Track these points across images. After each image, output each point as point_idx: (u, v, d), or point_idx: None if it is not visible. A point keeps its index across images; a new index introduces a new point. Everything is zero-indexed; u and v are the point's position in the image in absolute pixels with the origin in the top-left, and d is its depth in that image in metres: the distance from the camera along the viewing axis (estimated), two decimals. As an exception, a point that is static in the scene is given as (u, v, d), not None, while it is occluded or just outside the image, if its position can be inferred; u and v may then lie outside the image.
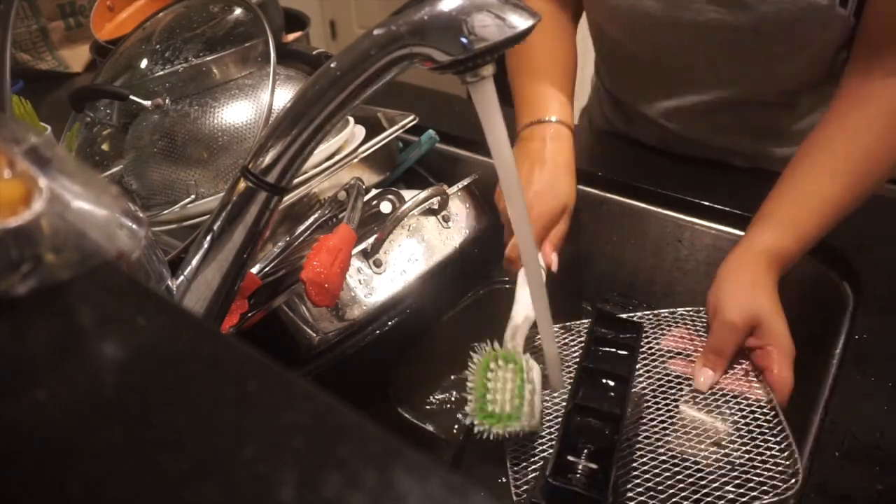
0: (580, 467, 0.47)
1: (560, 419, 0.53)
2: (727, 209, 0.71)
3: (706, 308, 0.58)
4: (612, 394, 0.52)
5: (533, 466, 0.52)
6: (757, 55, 0.69)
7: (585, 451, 0.48)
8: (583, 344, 0.57)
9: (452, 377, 0.74)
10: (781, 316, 0.55)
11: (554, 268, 0.66)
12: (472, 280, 0.84)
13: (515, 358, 0.52)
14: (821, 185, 0.59)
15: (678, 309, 0.62)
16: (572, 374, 0.57)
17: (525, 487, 0.51)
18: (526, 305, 0.59)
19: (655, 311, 0.63)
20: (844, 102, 0.61)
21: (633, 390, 0.55)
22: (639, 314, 0.62)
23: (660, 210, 0.75)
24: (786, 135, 0.78)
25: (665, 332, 0.60)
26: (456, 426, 0.69)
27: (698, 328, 0.60)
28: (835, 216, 0.58)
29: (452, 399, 0.73)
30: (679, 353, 0.59)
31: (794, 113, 0.76)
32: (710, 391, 0.55)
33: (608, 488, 0.45)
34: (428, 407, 0.73)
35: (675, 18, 0.69)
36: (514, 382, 0.51)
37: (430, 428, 0.70)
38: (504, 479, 0.53)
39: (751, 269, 0.57)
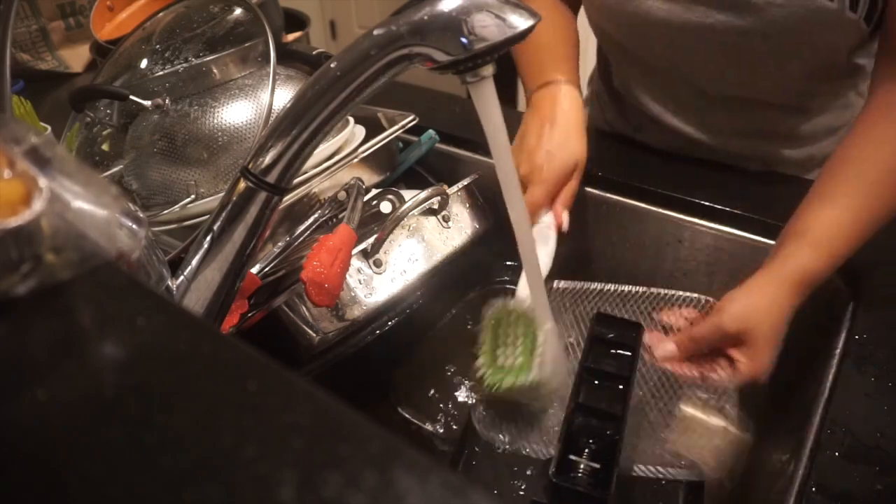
0: (582, 466, 0.47)
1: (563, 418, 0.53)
2: (728, 209, 0.71)
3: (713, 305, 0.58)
4: (614, 393, 0.52)
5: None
6: (765, 58, 0.68)
7: (587, 450, 0.48)
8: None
9: (453, 377, 0.74)
10: (772, 344, 0.55)
11: (565, 227, 0.68)
12: (472, 280, 0.84)
13: (526, 313, 0.53)
14: (852, 200, 0.57)
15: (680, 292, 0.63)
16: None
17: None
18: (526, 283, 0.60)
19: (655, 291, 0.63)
20: (873, 113, 0.60)
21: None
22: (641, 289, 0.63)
23: (660, 210, 0.75)
24: (797, 137, 0.77)
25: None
26: (455, 426, 0.69)
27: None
28: (867, 232, 0.57)
29: (452, 399, 0.73)
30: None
31: (805, 115, 0.76)
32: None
33: (610, 487, 0.45)
34: (428, 407, 0.73)
35: (682, 22, 0.68)
36: (526, 337, 0.52)
37: (429, 428, 0.71)
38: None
39: (774, 290, 0.56)
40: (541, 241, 0.66)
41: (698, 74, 0.74)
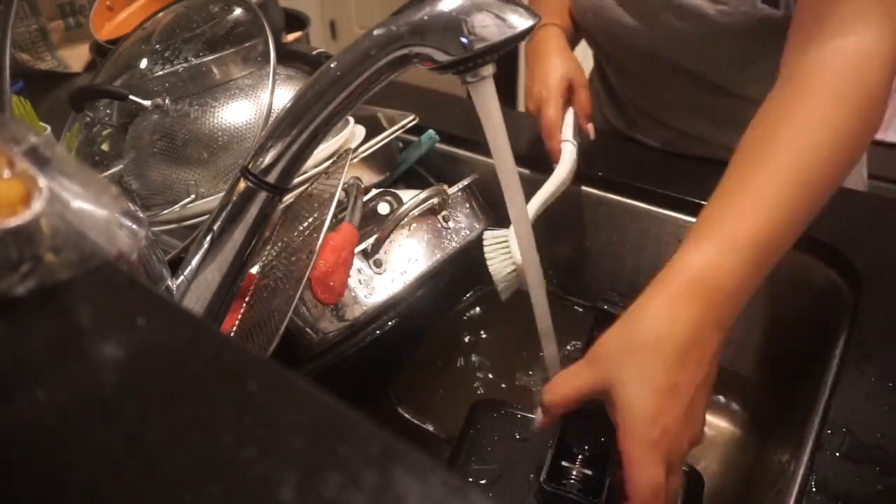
0: (574, 472, 0.46)
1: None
2: (727, 209, 0.71)
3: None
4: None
5: None
6: (729, 61, 0.71)
7: (580, 456, 0.47)
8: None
9: (453, 377, 0.74)
10: (636, 383, 0.40)
11: (592, 135, 0.74)
12: (472, 280, 0.84)
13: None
14: (764, 185, 0.45)
15: None
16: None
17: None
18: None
19: None
20: (781, 87, 0.52)
21: None
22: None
23: (660, 210, 0.75)
24: None
25: None
26: (455, 425, 0.69)
27: None
28: (791, 217, 0.45)
29: (453, 399, 0.73)
30: None
31: None
32: None
33: (602, 495, 0.44)
34: (428, 407, 0.73)
35: (650, 29, 0.73)
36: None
37: (430, 428, 0.71)
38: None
39: (654, 310, 0.42)
40: (564, 158, 0.71)
41: (674, 76, 0.76)
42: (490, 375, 0.75)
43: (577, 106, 0.74)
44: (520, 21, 0.38)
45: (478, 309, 0.83)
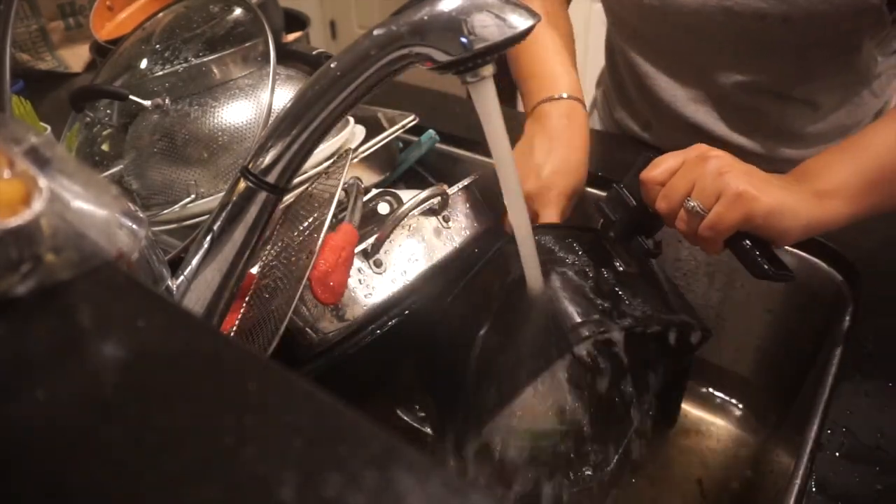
0: None
1: None
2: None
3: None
4: None
5: None
6: (784, 45, 0.68)
7: None
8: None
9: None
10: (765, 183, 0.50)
11: None
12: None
13: None
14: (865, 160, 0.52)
15: None
16: None
17: None
18: None
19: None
20: None
21: None
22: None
23: (660, 210, 0.74)
24: (808, 134, 0.77)
25: None
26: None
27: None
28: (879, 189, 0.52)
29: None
30: None
31: (818, 111, 0.75)
32: None
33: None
34: (428, 407, 0.73)
35: (700, 3, 0.68)
36: None
37: (428, 430, 0.70)
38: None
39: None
40: None
41: (715, 61, 0.73)
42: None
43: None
44: (520, 21, 0.38)
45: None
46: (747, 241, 0.51)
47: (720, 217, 0.50)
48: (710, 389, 0.76)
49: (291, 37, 1.00)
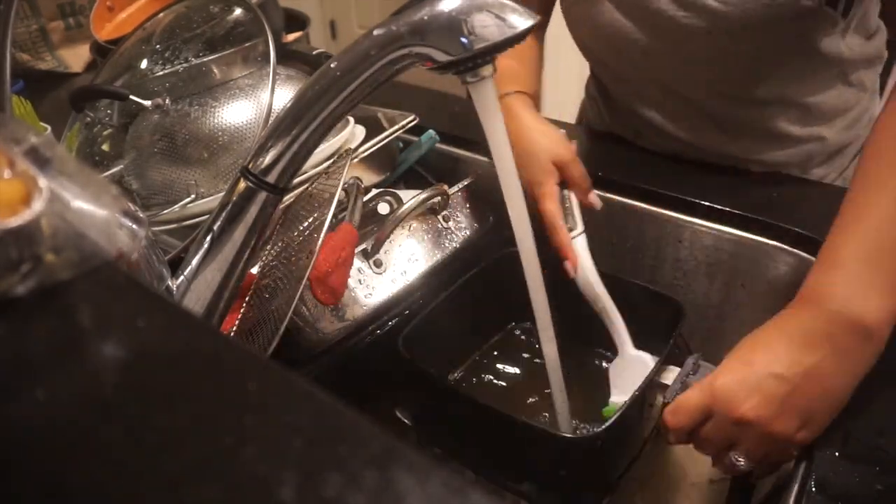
0: None
1: None
2: (728, 210, 0.71)
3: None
4: None
5: None
6: (737, 56, 0.69)
7: None
8: None
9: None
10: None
11: (598, 206, 0.67)
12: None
13: None
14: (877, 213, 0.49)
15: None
16: None
17: None
18: None
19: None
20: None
21: None
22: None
23: (660, 210, 0.75)
24: (792, 134, 0.77)
25: None
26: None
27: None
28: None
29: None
30: None
31: (797, 110, 0.75)
32: None
33: None
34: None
35: (653, 27, 0.70)
36: None
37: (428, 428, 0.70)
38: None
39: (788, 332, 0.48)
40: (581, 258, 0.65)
41: (679, 80, 0.75)
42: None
43: (573, 184, 0.67)
44: (520, 21, 0.38)
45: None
46: None
47: (780, 462, 0.50)
48: (710, 389, 0.76)
49: (291, 37, 1.00)
